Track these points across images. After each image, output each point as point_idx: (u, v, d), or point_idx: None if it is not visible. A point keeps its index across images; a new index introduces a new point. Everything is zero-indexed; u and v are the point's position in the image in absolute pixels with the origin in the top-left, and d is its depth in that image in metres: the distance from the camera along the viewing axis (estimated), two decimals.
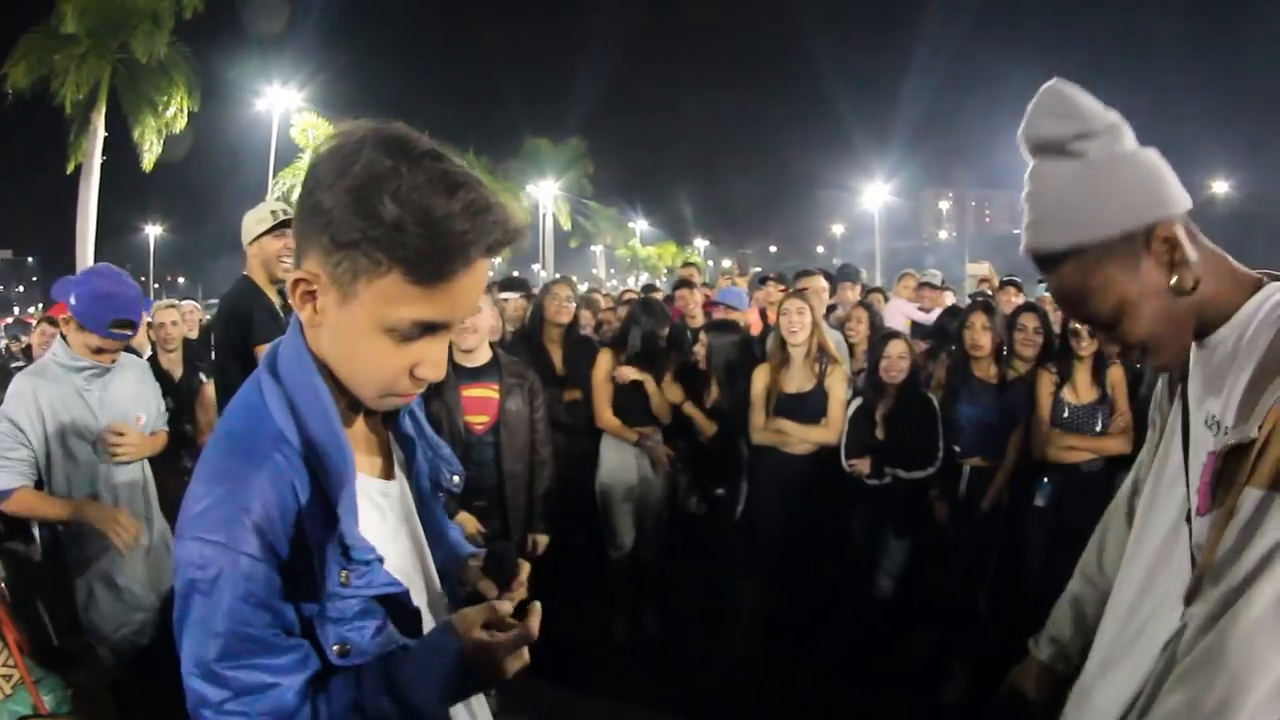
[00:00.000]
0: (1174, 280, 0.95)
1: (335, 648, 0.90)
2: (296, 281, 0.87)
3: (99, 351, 2.55)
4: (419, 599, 1.02)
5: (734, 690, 3.21)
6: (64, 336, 2.62)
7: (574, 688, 3.07)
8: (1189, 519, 1.00)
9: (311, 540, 0.87)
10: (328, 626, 0.89)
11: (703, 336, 4.01)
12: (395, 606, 0.96)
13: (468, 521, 2.73)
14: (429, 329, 0.88)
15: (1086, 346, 3.37)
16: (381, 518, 1.01)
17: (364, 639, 0.92)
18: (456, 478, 1.19)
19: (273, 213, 2.89)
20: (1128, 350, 1.04)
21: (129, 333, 2.56)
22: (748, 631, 3.60)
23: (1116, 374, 3.41)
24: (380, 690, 0.88)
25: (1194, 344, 1.02)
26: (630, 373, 3.65)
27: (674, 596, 3.92)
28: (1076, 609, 1.39)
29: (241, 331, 2.70)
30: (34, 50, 15.27)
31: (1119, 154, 0.97)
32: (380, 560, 0.93)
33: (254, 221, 2.88)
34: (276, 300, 2.88)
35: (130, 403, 2.71)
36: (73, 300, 2.48)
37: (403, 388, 0.91)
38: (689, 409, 3.79)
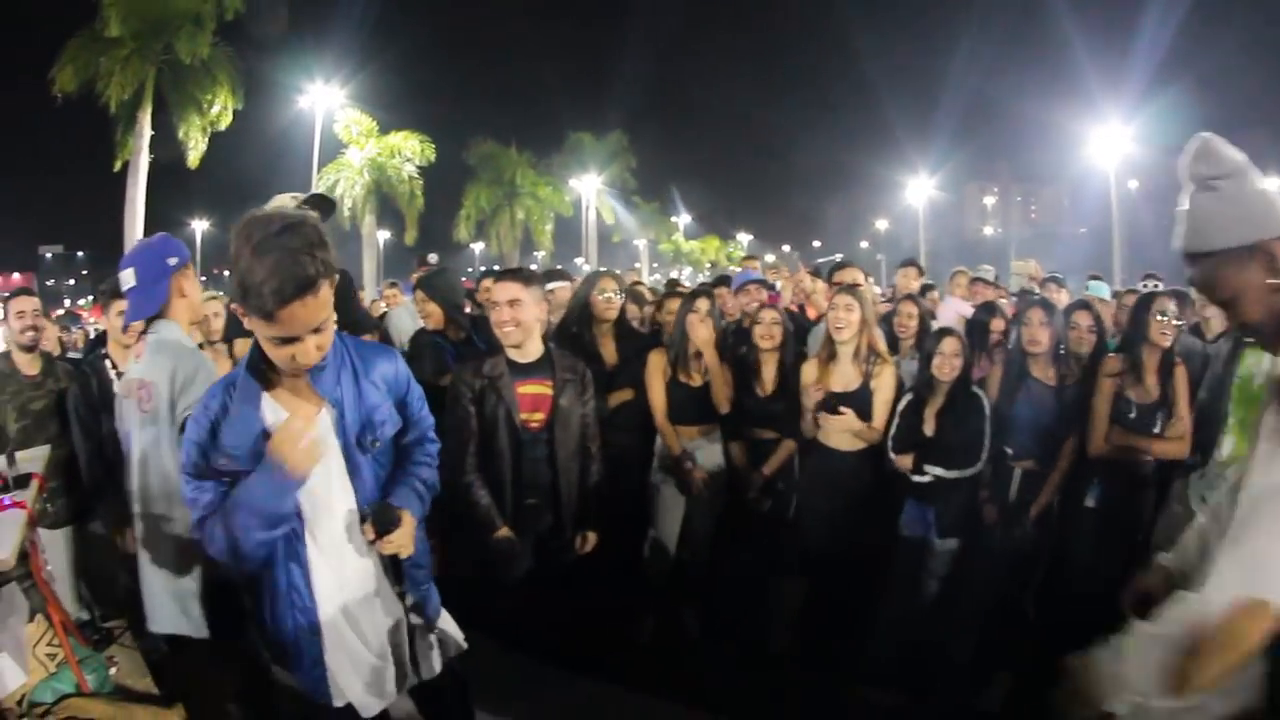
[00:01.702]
0: (1271, 281, 1.33)
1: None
2: (234, 308, 1.55)
3: None
4: (320, 506, 1.71)
5: (769, 692, 3.17)
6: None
7: (607, 685, 3.05)
8: None
9: (226, 423, 1.66)
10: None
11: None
12: None
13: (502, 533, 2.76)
14: (286, 340, 1.55)
15: (1169, 335, 3.24)
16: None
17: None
18: (376, 443, 1.78)
19: (294, 198, 2.88)
20: (1244, 329, 1.43)
21: None
22: (787, 632, 3.54)
23: (1181, 375, 3.29)
24: (244, 479, 1.62)
25: None
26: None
27: (716, 596, 3.85)
28: (1202, 539, 1.62)
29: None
30: (80, 54, 15.78)
31: (1243, 190, 1.36)
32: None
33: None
34: None
35: None
36: (173, 260, 2.40)
37: (294, 366, 1.61)
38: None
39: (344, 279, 3.15)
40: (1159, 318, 3.27)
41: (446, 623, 1.92)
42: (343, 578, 1.74)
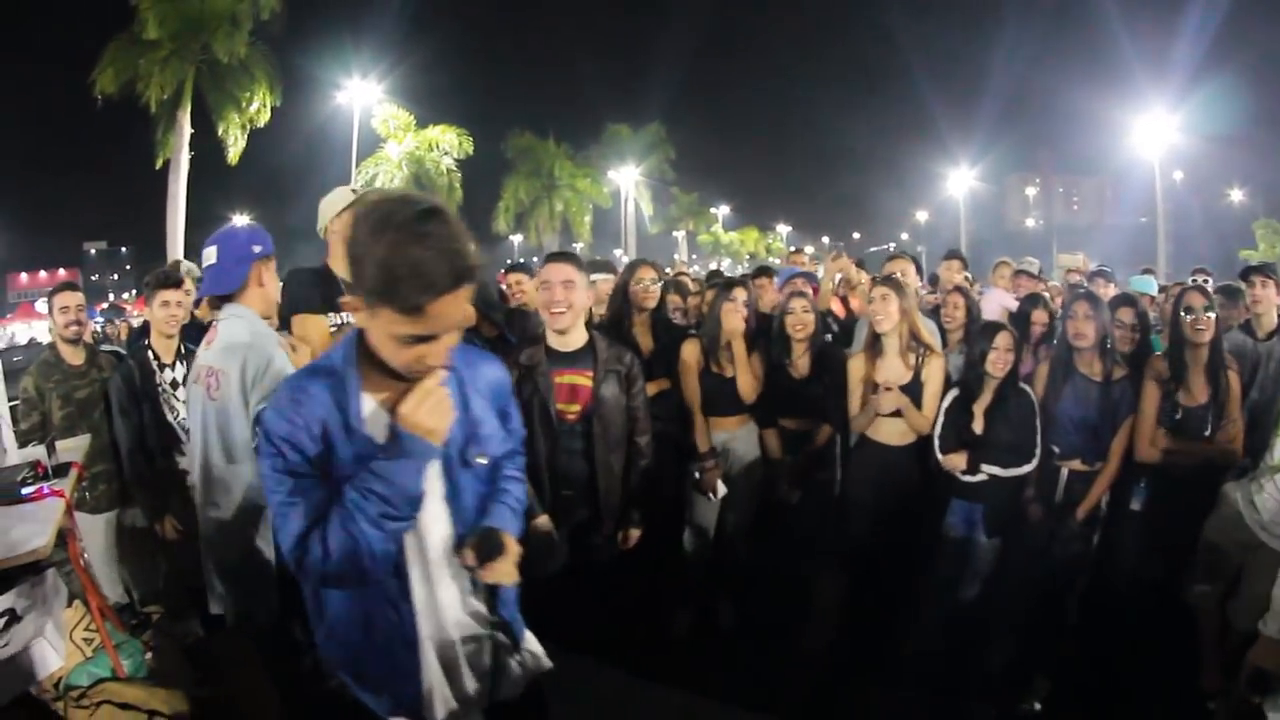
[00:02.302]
0: None
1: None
2: (344, 303, 1.42)
3: None
4: (417, 522, 1.50)
5: (804, 690, 3.13)
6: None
7: (640, 679, 3.03)
8: None
9: (331, 429, 1.44)
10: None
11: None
12: None
13: (541, 524, 2.63)
14: (422, 338, 1.35)
15: (1206, 330, 3.12)
16: None
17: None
18: (482, 458, 1.60)
19: (353, 190, 2.88)
20: None
21: None
22: (824, 629, 3.48)
23: (1233, 376, 3.17)
24: (364, 469, 1.41)
25: None
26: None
27: (753, 589, 3.81)
28: None
29: (290, 301, 2.76)
30: (119, 56, 16.21)
31: None
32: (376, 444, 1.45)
33: (329, 205, 2.87)
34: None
35: None
36: (257, 248, 2.38)
37: (418, 369, 1.41)
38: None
39: None
40: (1186, 316, 3.17)
41: (531, 643, 1.77)
42: (439, 594, 1.59)
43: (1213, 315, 3.14)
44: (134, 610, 3.63)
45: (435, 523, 1.56)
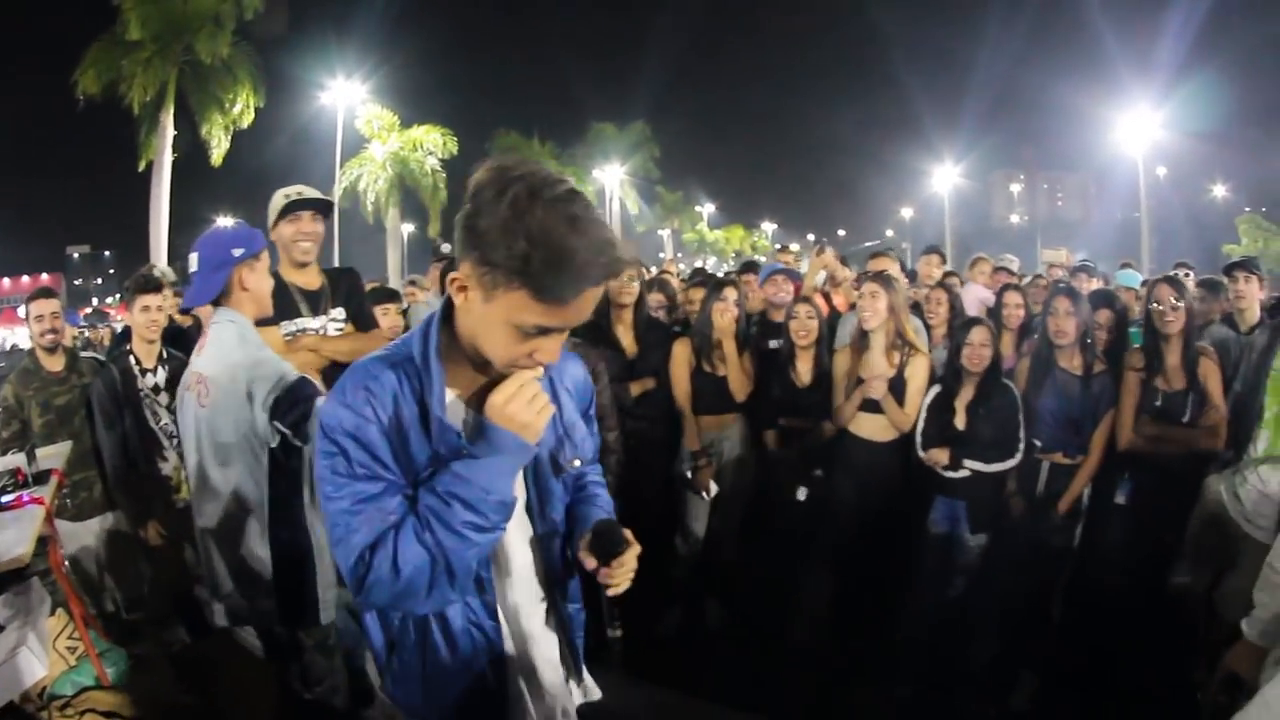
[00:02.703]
0: None
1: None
2: (453, 279, 1.18)
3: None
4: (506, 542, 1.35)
5: (792, 687, 3.14)
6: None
7: (628, 678, 3.02)
8: None
9: (407, 425, 1.24)
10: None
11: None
12: None
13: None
14: (546, 330, 1.16)
15: (1173, 321, 3.17)
16: None
17: None
18: (577, 461, 1.43)
19: (285, 195, 2.84)
20: None
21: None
22: (808, 626, 3.50)
23: (1209, 365, 3.20)
24: (444, 471, 1.21)
25: None
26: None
27: (740, 588, 3.82)
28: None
29: None
30: (102, 57, 16.04)
31: None
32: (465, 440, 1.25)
33: (271, 210, 2.86)
34: (303, 281, 2.89)
35: None
36: (238, 251, 2.33)
37: (522, 364, 1.21)
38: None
39: (353, 275, 3.15)
40: (1155, 306, 3.23)
41: (586, 673, 1.59)
42: (524, 621, 1.41)
43: (1181, 306, 3.18)
44: (118, 618, 3.59)
45: (518, 535, 1.38)
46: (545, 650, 1.44)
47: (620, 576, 1.33)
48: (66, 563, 2.96)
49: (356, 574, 1.19)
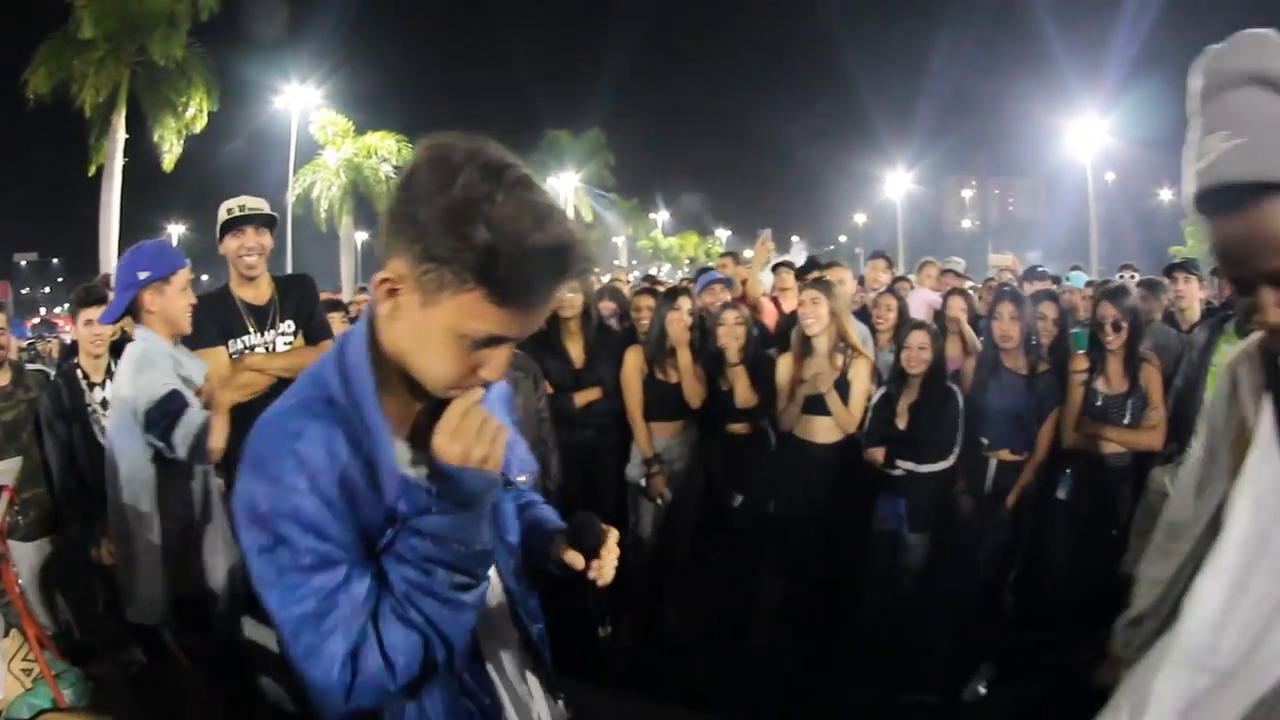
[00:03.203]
0: None
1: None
2: (382, 280, 0.96)
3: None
4: None
5: (750, 690, 3.17)
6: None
7: (583, 685, 3.03)
8: None
9: (352, 485, 0.99)
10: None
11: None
12: None
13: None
14: (498, 340, 0.96)
15: (1114, 340, 3.30)
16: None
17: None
18: (524, 476, 1.27)
19: (228, 210, 2.83)
20: None
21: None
22: (766, 628, 3.55)
23: (1150, 371, 3.34)
24: (409, 535, 0.99)
25: None
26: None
27: (693, 592, 3.86)
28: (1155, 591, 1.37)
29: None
30: (53, 56, 15.61)
31: None
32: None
33: (218, 222, 2.86)
34: (251, 295, 2.88)
35: None
36: (143, 274, 2.42)
37: (465, 384, 1.00)
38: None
39: (305, 283, 3.13)
40: (1099, 320, 3.33)
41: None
42: (501, 652, 1.24)
43: (1125, 326, 3.28)
44: (72, 638, 3.50)
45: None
46: (527, 679, 1.28)
47: (609, 567, 1.21)
48: (21, 582, 2.88)
49: (342, 684, 0.95)
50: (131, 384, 2.30)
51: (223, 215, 2.84)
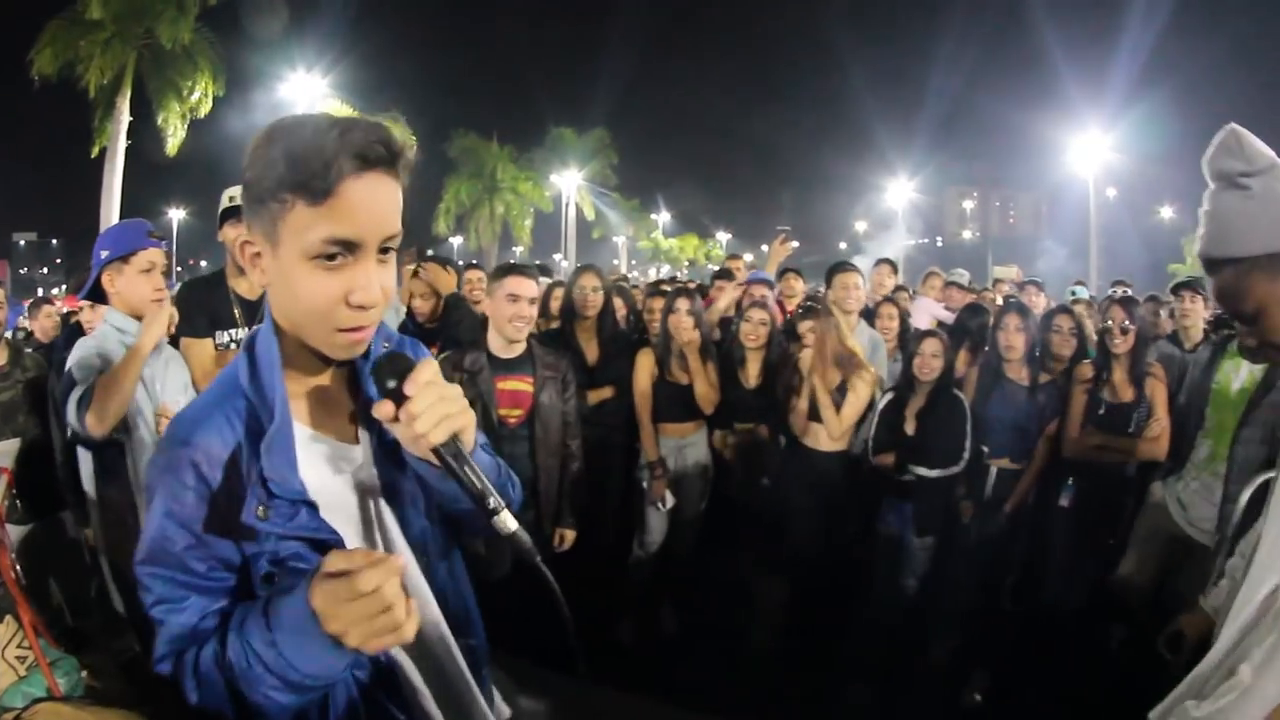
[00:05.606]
0: None
1: (261, 580, 0.96)
2: (246, 250, 0.99)
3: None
4: None
5: (750, 692, 3.17)
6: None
7: (586, 685, 3.02)
8: None
9: (245, 477, 0.95)
10: (259, 561, 0.95)
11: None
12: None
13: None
14: (346, 247, 0.93)
15: (1122, 344, 3.32)
16: (338, 476, 1.05)
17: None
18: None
19: (229, 197, 2.81)
20: (1263, 346, 1.24)
21: (163, 240, 2.53)
22: (769, 631, 3.55)
23: (1156, 382, 3.37)
24: (254, 630, 0.89)
25: None
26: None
27: (696, 594, 3.86)
28: (1232, 576, 1.50)
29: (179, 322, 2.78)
30: (60, 36, 15.48)
31: (1276, 191, 1.17)
32: (312, 505, 0.97)
33: (219, 209, 2.84)
34: (245, 288, 2.87)
35: (179, 394, 2.65)
36: (104, 253, 2.42)
37: (344, 318, 0.96)
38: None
39: None
40: (1108, 324, 3.40)
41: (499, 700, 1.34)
42: (422, 650, 1.13)
43: (1132, 330, 3.34)
44: (66, 625, 3.47)
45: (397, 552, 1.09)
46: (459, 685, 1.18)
47: (423, 408, 0.93)
48: (17, 567, 2.86)
49: (159, 655, 0.97)
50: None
51: (224, 203, 2.81)
